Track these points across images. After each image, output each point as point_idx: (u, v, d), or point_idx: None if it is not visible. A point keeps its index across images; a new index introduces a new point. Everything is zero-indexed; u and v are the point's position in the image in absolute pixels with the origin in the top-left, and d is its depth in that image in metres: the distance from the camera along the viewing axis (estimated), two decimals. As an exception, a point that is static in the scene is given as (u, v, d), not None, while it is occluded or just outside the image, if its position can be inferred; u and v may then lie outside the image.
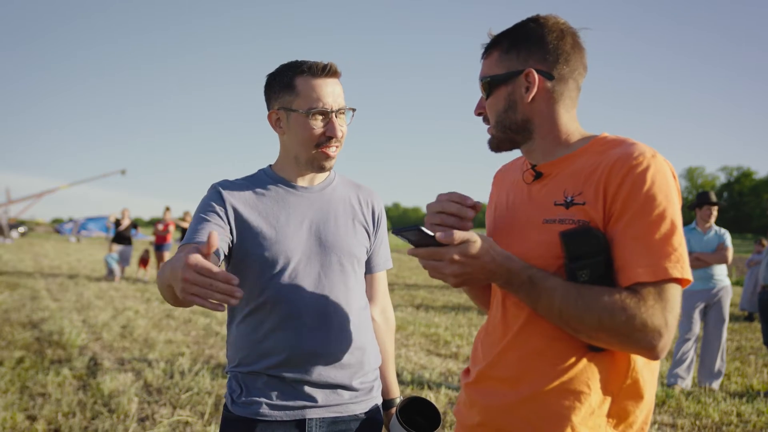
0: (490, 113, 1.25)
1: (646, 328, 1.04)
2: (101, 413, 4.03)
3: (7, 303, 8.92)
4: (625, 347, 1.08)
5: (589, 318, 1.06)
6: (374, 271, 1.68)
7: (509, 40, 1.22)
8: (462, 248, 1.07)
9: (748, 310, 10.21)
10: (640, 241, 1.07)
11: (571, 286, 1.09)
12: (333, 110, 1.48)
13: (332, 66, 1.50)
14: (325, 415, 1.50)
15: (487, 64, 1.25)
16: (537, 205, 1.21)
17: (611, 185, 1.10)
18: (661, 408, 4.53)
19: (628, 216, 1.08)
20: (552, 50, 1.20)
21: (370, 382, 1.57)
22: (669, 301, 1.05)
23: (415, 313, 9.25)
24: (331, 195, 1.59)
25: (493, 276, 1.11)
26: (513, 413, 1.17)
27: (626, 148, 1.13)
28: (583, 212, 1.13)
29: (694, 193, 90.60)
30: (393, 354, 1.74)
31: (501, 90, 1.22)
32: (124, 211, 14.06)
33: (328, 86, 1.49)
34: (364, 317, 1.58)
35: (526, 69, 1.19)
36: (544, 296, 1.09)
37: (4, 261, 17.83)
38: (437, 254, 1.08)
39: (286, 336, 1.47)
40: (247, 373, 1.51)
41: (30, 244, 30.25)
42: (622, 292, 1.06)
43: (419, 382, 5.01)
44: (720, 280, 5.34)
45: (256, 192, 1.54)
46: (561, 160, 1.21)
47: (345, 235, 1.55)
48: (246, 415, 1.49)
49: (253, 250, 1.49)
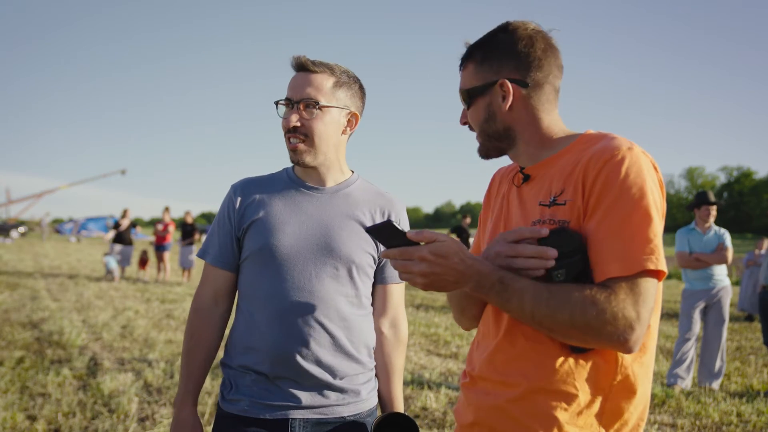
0: (473, 123, 1.27)
1: (617, 321, 1.03)
2: (101, 413, 4.04)
3: (7, 303, 8.93)
4: (599, 343, 1.07)
5: (560, 316, 1.05)
6: (386, 282, 1.64)
7: (482, 52, 1.24)
8: (432, 247, 1.06)
9: (747, 311, 10.18)
10: (613, 235, 1.06)
11: (541, 286, 1.08)
12: (294, 101, 1.51)
13: (299, 59, 1.53)
14: (310, 416, 1.49)
15: (464, 76, 1.27)
16: (525, 208, 1.22)
17: (588, 180, 1.10)
18: (661, 408, 4.53)
19: (602, 210, 1.08)
20: (523, 58, 1.21)
21: (359, 384, 1.55)
22: (641, 294, 1.04)
23: (415, 313, 9.26)
24: (343, 198, 1.58)
25: (462, 278, 1.09)
26: (504, 413, 1.18)
27: (605, 142, 1.14)
28: (564, 211, 1.13)
29: (694, 193, 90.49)
30: (401, 368, 1.69)
31: (479, 101, 1.24)
32: (125, 211, 14.07)
33: (297, 79, 1.53)
34: (358, 323, 1.55)
35: (500, 79, 1.21)
36: (515, 298, 1.09)
37: (4, 261, 17.84)
38: (407, 253, 1.08)
39: (271, 333, 1.48)
40: (236, 368, 1.54)
41: (30, 244, 30.26)
42: (593, 287, 1.05)
43: (419, 382, 5.02)
44: (720, 280, 5.34)
45: (268, 190, 1.58)
46: (547, 161, 1.22)
47: (346, 239, 1.53)
48: (233, 411, 1.51)
49: (252, 245, 1.52)
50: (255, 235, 1.52)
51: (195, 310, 1.59)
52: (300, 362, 1.47)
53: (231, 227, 1.57)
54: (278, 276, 1.50)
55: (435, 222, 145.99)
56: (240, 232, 1.55)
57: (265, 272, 1.51)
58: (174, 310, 8.91)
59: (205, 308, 1.59)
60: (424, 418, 4.15)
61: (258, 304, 1.51)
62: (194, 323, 1.59)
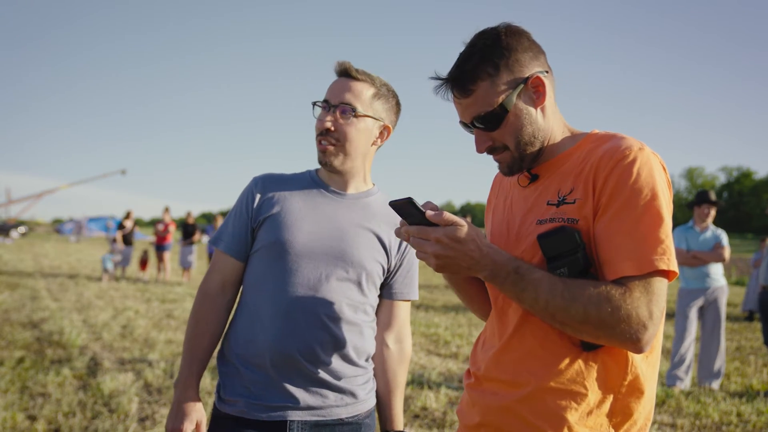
0: (507, 138, 1.18)
1: (631, 320, 1.03)
2: (101, 413, 4.03)
3: (7, 303, 8.92)
4: (611, 340, 1.07)
5: (574, 309, 1.05)
6: (394, 298, 1.64)
7: (493, 60, 1.15)
8: (449, 230, 1.06)
9: (756, 311, 10.16)
10: (625, 234, 1.06)
11: (557, 279, 1.08)
12: (332, 104, 1.52)
13: (343, 65, 1.56)
14: (308, 417, 1.49)
15: (479, 98, 1.16)
16: (531, 207, 1.22)
17: (599, 179, 1.10)
18: (661, 408, 4.53)
19: (613, 209, 1.08)
20: (535, 51, 1.19)
21: (357, 386, 1.55)
22: (655, 294, 1.05)
23: (415, 313, 9.25)
24: (362, 207, 1.59)
25: (476, 265, 1.09)
26: (511, 413, 1.17)
27: (615, 142, 1.13)
28: (573, 210, 1.13)
29: (694, 193, 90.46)
30: (403, 385, 1.68)
31: (513, 111, 1.16)
32: (129, 213, 14.07)
33: (338, 83, 1.56)
34: (362, 330, 1.55)
35: (531, 75, 1.16)
36: (529, 288, 1.08)
37: (4, 261, 17.83)
38: (424, 233, 1.08)
39: (275, 328, 1.48)
40: (234, 363, 1.53)
41: (30, 244, 30.25)
42: (608, 284, 1.05)
43: (419, 382, 5.01)
44: (716, 279, 5.34)
45: (289, 187, 1.59)
46: (554, 161, 1.22)
47: (360, 246, 1.53)
48: (230, 412, 1.51)
49: (266, 238, 1.53)
50: (270, 228, 1.53)
51: (202, 295, 1.58)
52: (300, 360, 1.47)
53: (247, 218, 1.57)
54: (288, 272, 1.50)
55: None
56: (255, 224, 1.56)
57: (276, 267, 1.51)
58: (174, 310, 8.90)
59: (212, 294, 1.58)
60: (424, 418, 4.14)
61: (264, 297, 1.51)
62: (200, 308, 1.57)
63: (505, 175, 1.25)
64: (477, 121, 1.18)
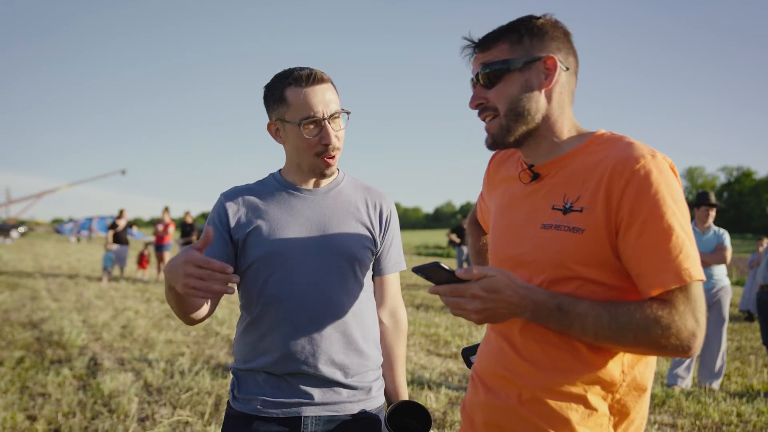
0: (500, 101, 1.19)
1: (681, 334, 1.05)
2: (101, 413, 4.03)
3: (7, 303, 8.92)
4: (663, 354, 1.09)
5: (624, 338, 1.06)
6: (383, 273, 1.66)
7: (520, 32, 1.18)
8: (483, 284, 1.06)
9: (753, 311, 10.18)
10: (656, 249, 1.06)
11: (601, 309, 1.08)
12: (325, 117, 1.47)
13: (316, 73, 1.47)
14: (321, 413, 1.50)
15: (493, 53, 1.19)
16: (535, 208, 1.21)
17: (614, 191, 1.09)
18: (661, 408, 4.53)
19: (638, 224, 1.07)
20: (565, 41, 1.20)
21: (369, 382, 1.57)
22: (696, 301, 1.06)
23: (415, 313, 9.25)
24: (335, 197, 1.59)
25: (517, 309, 1.09)
26: (515, 414, 1.17)
27: (624, 149, 1.12)
28: (579, 219, 1.12)
29: (694, 193, 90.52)
30: (403, 357, 1.70)
31: (515, 76, 1.17)
32: (121, 212, 14.04)
33: (317, 94, 1.47)
34: (366, 317, 1.58)
35: (547, 56, 1.17)
36: (576, 324, 1.08)
37: (4, 261, 17.83)
38: (458, 290, 1.07)
39: (281, 335, 1.49)
40: (246, 370, 1.54)
41: (30, 244, 30.24)
42: (652, 305, 1.06)
43: (419, 382, 5.01)
44: (719, 280, 5.34)
45: (260, 196, 1.57)
46: (558, 160, 1.20)
47: (346, 237, 1.54)
48: (244, 410, 1.52)
49: (252, 252, 1.52)
50: (256, 242, 1.51)
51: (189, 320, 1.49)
52: (312, 362, 1.48)
53: (222, 232, 1.53)
54: (285, 280, 1.50)
55: (435, 222, 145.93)
56: (238, 240, 1.53)
57: (271, 278, 1.50)
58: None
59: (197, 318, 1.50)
60: (424, 418, 4.14)
61: (267, 309, 1.51)
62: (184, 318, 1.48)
63: (488, 147, 1.25)
64: (480, 71, 1.20)
